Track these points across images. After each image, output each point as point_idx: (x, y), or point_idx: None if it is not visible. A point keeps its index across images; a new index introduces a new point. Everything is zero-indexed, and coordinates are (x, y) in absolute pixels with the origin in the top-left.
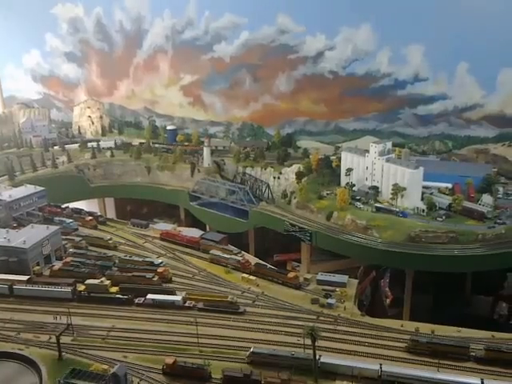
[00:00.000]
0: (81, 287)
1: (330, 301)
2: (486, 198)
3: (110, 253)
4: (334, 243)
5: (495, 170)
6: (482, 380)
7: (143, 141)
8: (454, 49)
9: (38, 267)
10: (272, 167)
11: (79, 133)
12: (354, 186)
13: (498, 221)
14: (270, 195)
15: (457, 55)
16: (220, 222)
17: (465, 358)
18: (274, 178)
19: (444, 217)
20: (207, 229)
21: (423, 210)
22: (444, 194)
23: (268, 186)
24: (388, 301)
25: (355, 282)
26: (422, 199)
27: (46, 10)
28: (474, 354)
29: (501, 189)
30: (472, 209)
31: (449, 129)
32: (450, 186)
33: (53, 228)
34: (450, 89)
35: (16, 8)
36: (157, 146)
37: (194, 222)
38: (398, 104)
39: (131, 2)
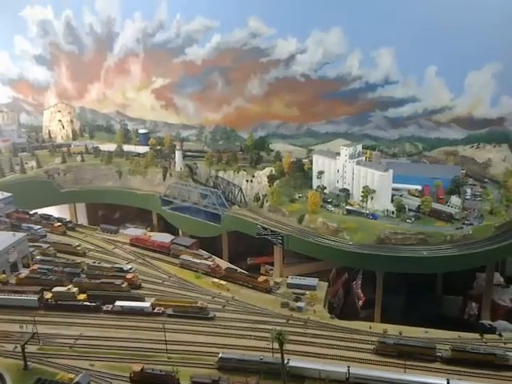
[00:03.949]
0: (48, 295)
1: (299, 304)
2: (455, 200)
3: (79, 259)
4: (305, 246)
5: (464, 171)
6: (447, 380)
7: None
8: (423, 52)
9: (3, 275)
10: (245, 170)
11: (49, 137)
12: (326, 188)
13: (466, 222)
14: (242, 199)
15: (426, 58)
16: (192, 226)
17: (431, 359)
18: (247, 181)
19: (413, 218)
20: (180, 233)
21: (393, 212)
22: (414, 195)
23: (240, 189)
24: (360, 302)
25: (325, 284)
26: (392, 201)
27: (15, 13)
28: (440, 354)
29: (469, 190)
30: (440, 210)
31: (419, 131)
32: (419, 187)
33: (19, 235)
34: (419, 91)
35: None
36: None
37: (167, 227)
38: (369, 107)
39: (101, 5)
